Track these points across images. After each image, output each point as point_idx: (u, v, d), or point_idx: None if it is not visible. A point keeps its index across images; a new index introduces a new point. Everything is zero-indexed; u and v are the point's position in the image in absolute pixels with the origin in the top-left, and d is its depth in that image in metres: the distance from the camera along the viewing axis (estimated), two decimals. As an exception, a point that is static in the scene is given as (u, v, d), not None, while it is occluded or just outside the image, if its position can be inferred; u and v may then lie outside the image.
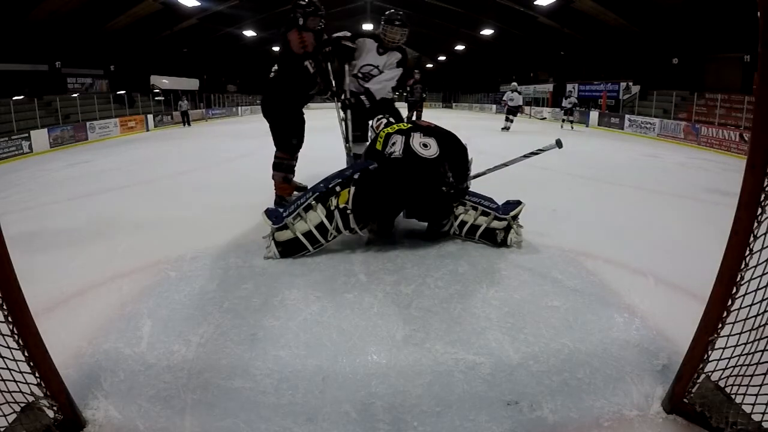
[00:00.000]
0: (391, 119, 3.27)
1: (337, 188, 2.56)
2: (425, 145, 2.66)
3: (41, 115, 11.59)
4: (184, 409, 1.40)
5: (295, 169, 3.74)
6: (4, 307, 1.14)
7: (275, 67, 3.54)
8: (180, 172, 5.91)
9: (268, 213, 2.59)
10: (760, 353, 1.16)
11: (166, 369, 1.58)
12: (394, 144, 2.68)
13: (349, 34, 3.59)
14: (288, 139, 3.55)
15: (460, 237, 2.80)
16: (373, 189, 2.55)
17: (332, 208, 2.54)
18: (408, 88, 11.90)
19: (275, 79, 3.50)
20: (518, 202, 2.72)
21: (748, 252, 1.16)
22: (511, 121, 11.85)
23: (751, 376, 1.19)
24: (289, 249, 2.55)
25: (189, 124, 16.63)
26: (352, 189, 2.54)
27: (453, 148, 2.78)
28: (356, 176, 2.58)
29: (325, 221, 2.53)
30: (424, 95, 12.27)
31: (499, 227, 2.69)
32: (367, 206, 2.56)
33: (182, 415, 1.37)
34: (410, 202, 2.66)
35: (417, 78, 11.91)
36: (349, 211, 2.53)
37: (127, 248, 2.85)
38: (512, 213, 2.67)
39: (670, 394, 1.38)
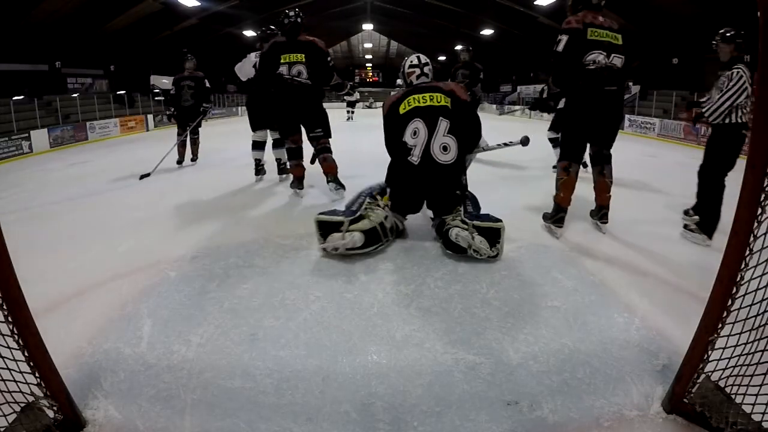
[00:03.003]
0: (423, 81, 2.87)
1: (377, 196, 2.88)
2: (445, 148, 2.67)
3: (41, 115, 11.58)
4: (184, 409, 1.40)
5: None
6: (4, 307, 1.14)
7: (302, 71, 3.74)
8: (180, 172, 5.90)
9: (330, 213, 2.66)
10: (760, 353, 1.16)
11: (166, 369, 1.58)
12: (415, 135, 2.69)
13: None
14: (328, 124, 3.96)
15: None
16: (399, 191, 2.81)
17: (383, 206, 2.80)
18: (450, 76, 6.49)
19: (313, 83, 3.77)
20: (497, 220, 2.48)
21: (748, 252, 1.16)
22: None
23: (751, 376, 1.19)
24: (370, 238, 2.61)
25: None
26: (388, 191, 2.85)
27: (468, 133, 2.79)
28: (385, 185, 2.90)
29: (385, 220, 2.71)
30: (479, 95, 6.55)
31: (458, 228, 2.49)
32: (398, 204, 2.82)
33: (182, 415, 1.37)
34: (427, 199, 2.81)
35: (464, 58, 6.48)
36: (389, 208, 2.80)
37: (127, 248, 2.85)
38: (475, 223, 2.48)
39: (670, 394, 1.38)
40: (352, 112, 15.23)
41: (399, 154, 2.76)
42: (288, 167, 4.28)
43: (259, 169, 4.92)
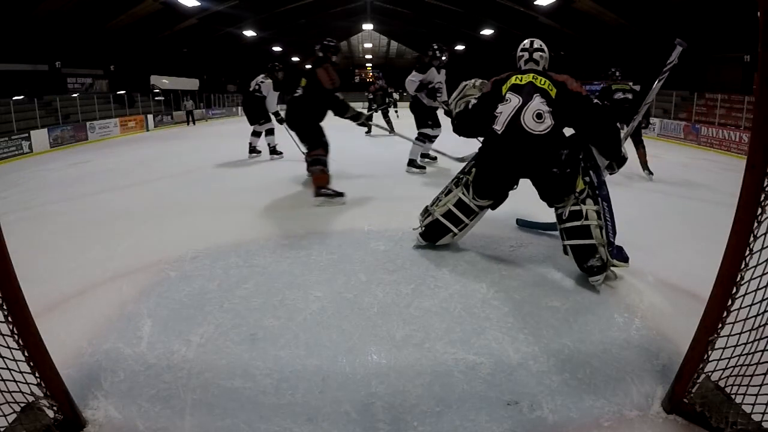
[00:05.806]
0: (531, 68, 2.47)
1: (473, 169, 2.51)
2: (539, 116, 2.22)
3: (41, 115, 11.57)
4: (184, 409, 1.40)
5: None
6: (4, 307, 1.14)
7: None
8: (180, 172, 5.90)
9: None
10: (760, 353, 1.16)
11: (166, 369, 1.58)
12: (507, 102, 2.31)
13: None
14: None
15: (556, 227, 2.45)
16: (482, 164, 2.46)
17: (461, 185, 2.56)
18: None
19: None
20: (626, 259, 2.38)
21: (748, 252, 1.16)
22: None
23: (751, 376, 1.19)
24: (431, 232, 2.63)
25: (194, 123, 16.95)
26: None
27: (583, 120, 2.30)
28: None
29: (463, 197, 2.52)
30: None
31: (600, 255, 2.23)
32: (480, 182, 2.46)
33: (182, 415, 1.37)
34: (515, 177, 2.43)
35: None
36: (470, 183, 2.50)
37: (127, 248, 2.85)
38: (614, 261, 2.30)
39: (670, 394, 1.38)
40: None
41: (495, 102, 2.37)
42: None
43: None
